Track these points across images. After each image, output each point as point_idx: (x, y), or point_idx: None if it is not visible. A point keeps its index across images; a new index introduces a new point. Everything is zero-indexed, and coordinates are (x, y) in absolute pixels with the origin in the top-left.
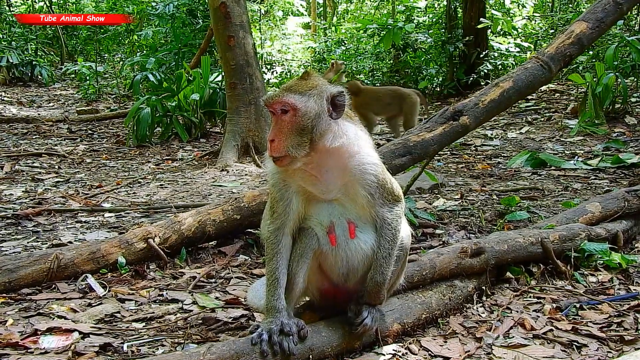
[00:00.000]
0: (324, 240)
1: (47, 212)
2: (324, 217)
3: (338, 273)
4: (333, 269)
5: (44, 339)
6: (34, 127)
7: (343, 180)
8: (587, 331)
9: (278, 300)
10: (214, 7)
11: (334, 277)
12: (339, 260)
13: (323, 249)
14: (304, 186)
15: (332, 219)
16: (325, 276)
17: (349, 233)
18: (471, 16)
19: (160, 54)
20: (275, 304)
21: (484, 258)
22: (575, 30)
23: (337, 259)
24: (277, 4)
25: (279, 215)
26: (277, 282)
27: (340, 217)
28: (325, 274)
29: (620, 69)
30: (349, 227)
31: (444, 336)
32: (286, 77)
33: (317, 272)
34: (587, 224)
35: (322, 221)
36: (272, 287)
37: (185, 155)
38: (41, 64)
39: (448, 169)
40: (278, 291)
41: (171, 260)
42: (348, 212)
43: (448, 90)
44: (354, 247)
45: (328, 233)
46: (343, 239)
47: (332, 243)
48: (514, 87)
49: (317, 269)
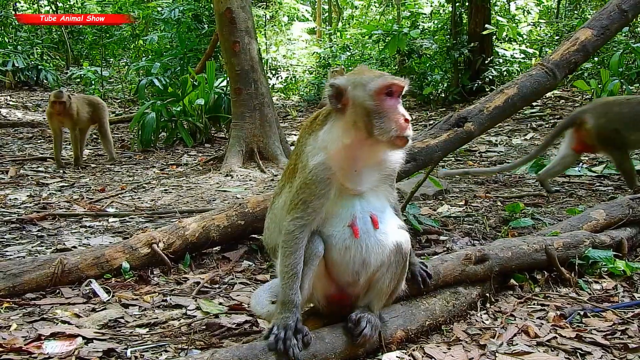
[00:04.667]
0: (341, 237)
1: (51, 216)
2: (345, 212)
3: (352, 271)
4: (347, 267)
5: (48, 344)
6: (39, 131)
7: (381, 170)
8: (591, 339)
9: (296, 295)
10: (220, 12)
11: (345, 277)
12: (357, 254)
13: (337, 248)
14: (342, 181)
15: (355, 213)
16: (332, 281)
17: (373, 224)
18: (476, 22)
19: (165, 59)
20: (293, 298)
21: (488, 265)
22: (580, 37)
23: (355, 253)
24: (283, 9)
25: (314, 211)
26: (296, 276)
27: (362, 211)
28: (333, 278)
29: (626, 75)
30: (371, 219)
31: (447, 343)
32: (291, 82)
33: (323, 277)
34: (592, 231)
35: (343, 216)
36: (290, 281)
37: (189, 160)
38: (47, 69)
39: (453, 176)
40: (296, 285)
41: (175, 265)
42: (370, 205)
43: (453, 96)
44: (374, 239)
45: (351, 226)
46: (365, 230)
47: (356, 235)
48: (519, 94)
49: (324, 274)
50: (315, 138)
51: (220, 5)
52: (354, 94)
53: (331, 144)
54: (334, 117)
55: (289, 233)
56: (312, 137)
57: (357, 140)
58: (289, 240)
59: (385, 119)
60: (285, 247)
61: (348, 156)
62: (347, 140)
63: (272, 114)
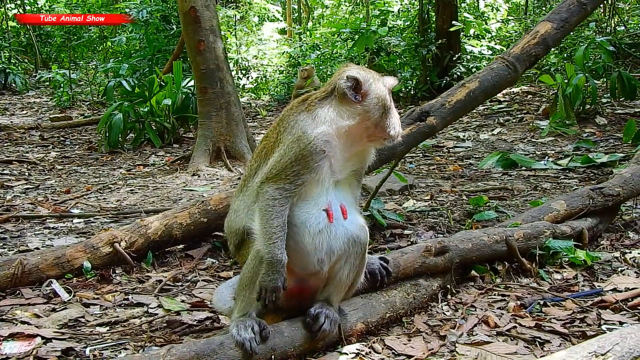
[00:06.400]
0: (316, 219)
1: (14, 218)
2: (324, 196)
3: (317, 259)
4: (313, 254)
5: (6, 345)
6: (6, 134)
7: (358, 163)
8: (550, 327)
9: (283, 254)
10: (184, 11)
11: (309, 266)
12: (325, 240)
13: (310, 231)
14: (332, 163)
15: (330, 199)
16: (292, 274)
17: (342, 214)
18: (443, 19)
19: (134, 60)
20: (281, 257)
21: (448, 257)
22: (540, 30)
23: (325, 239)
24: (253, 9)
25: (302, 184)
26: (283, 237)
27: (335, 199)
28: (294, 271)
29: (593, 70)
30: (341, 209)
31: (408, 335)
32: (261, 82)
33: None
34: (553, 222)
35: (321, 200)
36: (277, 240)
37: (157, 161)
38: (15, 72)
39: (420, 171)
40: (283, 245)
41: (137, 264)
42: (341, 195)
43: (422, 93)
44: (342, 228)
45: (326, 211)
46: (336, 218)
47: (330, 220)
48: (480, 88)
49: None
50: (312, 115)
51: (184, 4)
52: (376, 87)
53: (334, 122)
54: (336, 102)
55: (273, 199)
56: (306, 114)
57: (362, 127)
58: (274, 205)
59: (393, 115)
60: (269, 210)
61: (348, 137)
62: (352, 122)
63: (239, 112)
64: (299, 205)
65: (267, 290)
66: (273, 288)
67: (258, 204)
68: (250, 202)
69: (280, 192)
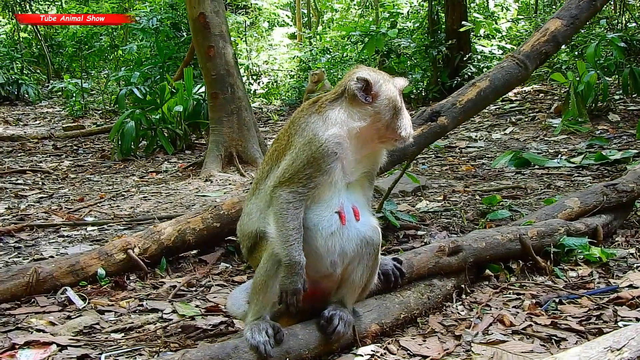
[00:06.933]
0: (328, 222)
1: (29, 227)
2: (336, 198)
3: (330, 261)
4: (326, 257)
5: (22, 353)
6: (19, 144)
7: (369, 165)
8: (566, 325)
9: (301, 256)
10: (193, 17)
11: (322, 268)
12: (339, 242)
13: (323, 233)
14: (344, 165)
15: (342, 201)
16: (306, 276)
17: (354, 215)
18: (453, 20)
19: (145, 68)
20: (299, 260)
21: (462, 256)
22: (550, 27)
23: (338, 241)
24: (263, 15)
25: (315, 187)
26: (299, 239)
27: (347, 201)
28: (307, 273)
29: (604, 67)
30: (353, 211)
31: (423, 335)
32: (272, 87)
33: None
34: (567, 219)
35: (333, 202)
36: (295, 243)
37: (169, 167)
38: (27, 83)
39: (432, 172)
40: (301, 247)
41: (151, 270)
42: (353, 196)
43: (433, 94)
44: (354, 230)
45: (338, 213)
46: (348, 220)
47: (343, 222)
48: (491, 86)
49: None
50: (323, 117)
51: (193, 11)
52: (387, 88)
53: (345, 124)
54: (347, 104)
55: (287, 202)
56: (316, 116)
57: (374, 128)
58: (288, 208)
59: (404, 116)
60: (285, 214)
61: (359, 139)
62: (364, 124)
63: (250, 117)
64: (311, 208)
65: (287, 293)
66: (294, 290)
67: (272, 208)
68: (263, 206)
69: (294, 196)
